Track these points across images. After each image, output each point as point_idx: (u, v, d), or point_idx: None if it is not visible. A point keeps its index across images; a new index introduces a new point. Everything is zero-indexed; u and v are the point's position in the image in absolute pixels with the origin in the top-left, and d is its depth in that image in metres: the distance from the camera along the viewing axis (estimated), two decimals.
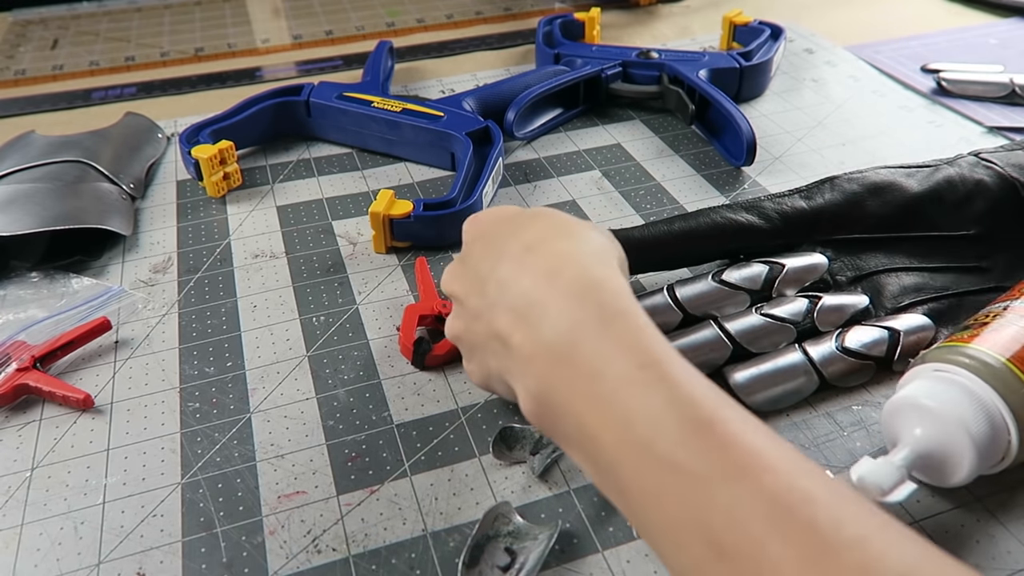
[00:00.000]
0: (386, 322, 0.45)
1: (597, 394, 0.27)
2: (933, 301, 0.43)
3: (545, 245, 0.32)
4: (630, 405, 0.26)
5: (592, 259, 0.31)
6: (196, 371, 0.42)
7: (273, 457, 0.37)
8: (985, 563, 0.32)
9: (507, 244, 0.33)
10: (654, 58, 0.66)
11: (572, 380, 0.28)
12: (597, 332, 0.28)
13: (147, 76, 0.77)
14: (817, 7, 0.88)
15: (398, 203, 0.49)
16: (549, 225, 0.33)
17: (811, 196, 0.46)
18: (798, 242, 0.45)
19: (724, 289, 0.42)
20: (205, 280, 0.48)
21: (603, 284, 0.30)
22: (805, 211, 0.45)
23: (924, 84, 0.69)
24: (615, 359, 0.27)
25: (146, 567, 0.33)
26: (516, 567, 0.32)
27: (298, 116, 0.62)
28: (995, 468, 0.33)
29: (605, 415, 0.26)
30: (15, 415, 0.40)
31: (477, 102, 0.61)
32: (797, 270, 0.43)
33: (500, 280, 0.32)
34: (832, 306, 0.42)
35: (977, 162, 0.48)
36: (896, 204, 0.46)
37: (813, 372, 0.39)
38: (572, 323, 0.28)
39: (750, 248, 0.45)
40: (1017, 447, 0.32)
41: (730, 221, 0.44)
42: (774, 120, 0.65)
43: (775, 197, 0.46)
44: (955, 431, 0.32)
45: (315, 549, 0.33)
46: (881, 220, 0.46)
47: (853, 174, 0.48)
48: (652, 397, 0.26)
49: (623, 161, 0.60)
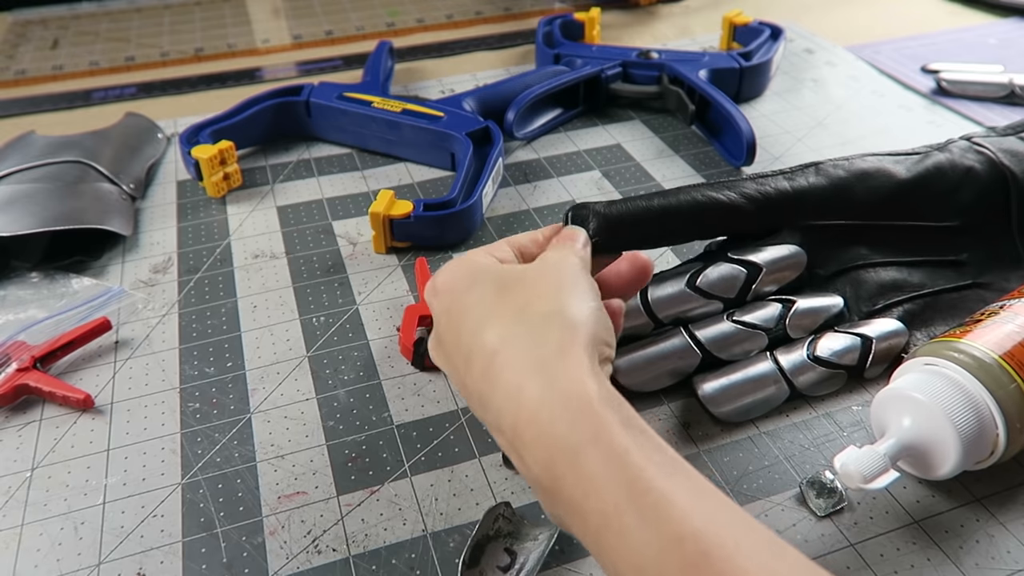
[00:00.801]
0: (386, 322, 0.45)
1: (588, 529, 0.25)
2: (908, 302, 0.42)
3: (505, 358, 0.29)
4: (620, 550, 0.24)
5: (558, 368, 0.28)
6: (196, 371, 0.42)
7: (273, 457, 0.37)
8: (985, 563, 0.32)
9: (473, 341, 0.30)
10: (654, 58, 0.66)
11: (566, 512, 0.26)
12: (573, 468, 0.26)
13: (147, 76, 0.77)
14: (817, 7, 0.88)
15: (398, 203, 0.49)
16: (510, 319, 0.30)
17: (794, 178, 0.44)
18: (779, 226, 0.43)
19: (696, 296, 0.41)
20: (205, 280, 0.48)
21: (573, 404, 0.27)
22: (788, 193, 0.43)
23: (924, 84, 0.69)
24: (597, 495, 0.25)
25: (146, 567, 0.33)
26: (516, 567, 0.32)
27: (298, 116, 0.62)
28: (982, 464, 0.34)
29: (600, 545, 0.25)
30: (15, 415, 0.40)
31: (477, 102, 0.61)
32: (775, 265, 0.42)
33: (474, 390, 0.30)
34: (805, 310, 0.41)
35: (969, 147, 0.47)
36: (883, 192, 0.44)
37: (783, 382, 0.39)
38: (547, 462, 0.26)
39: (730, 230, 0.44)
40: (1005, 443, 0.32)
41: (711, 200, 0.42)
42: (774, 120, 0.65)
43: (758, 177, 0.44)
44: (942, 424, 0.32)
45: (315, 549, 0.33)
46: (866, 209, 0.44)
47: (839, 160, 0.46)
48: (641, 535, 0.24)
49: (623, 161, 0.60)
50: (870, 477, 0.31)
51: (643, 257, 0.37)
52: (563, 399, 0.27)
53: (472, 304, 0.31)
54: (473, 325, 0.30)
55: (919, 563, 0.32)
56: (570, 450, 0.26)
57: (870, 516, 0.34)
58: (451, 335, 0.32)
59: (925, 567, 0.32)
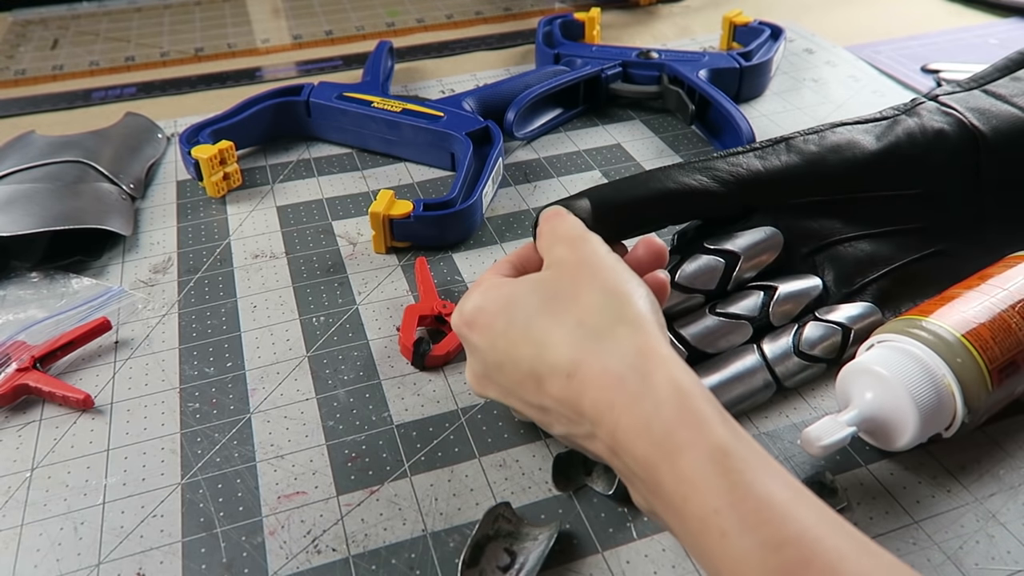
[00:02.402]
0: (386, 322, 0.45)
1: (687, 530, 0.26)
2: (881, 279, 0.43)
3: (587, 371, 0.28)
4: (720, 554, 0.24)
5: (645, 370, 0.28)
6: (196, 371, 0.42)
7: (273, 457, 0.37)
8: (985, 563, 0.32)
9: (540, 363, 0.30)
10: (654, 58, 0.66)
11: (664, 510, 0.27)
12: (672, 470, 0.26)
13: (147, 76, 0.77)
14: (817, 7, 0.88)
15: (398, 203, 0.49)
16: (573, 332, 0.29)
17: (765, 156, 0.44)
18: (754, 205, 0.43)
19: (676, 292, 0.40)
20: (205, 280, 0.48)
21: (669, 404, 0.26)
22: (760, 172, 0.43)
23: (924, 84, 0.69)
24: (698, 498, 0.25)
25: (146, 567, 0.33)
26: (516, 567, 0.32)
27: (298, 116, 0.62)
28: (945, 435, 0.35)
29: (699, 547, 0.25)
30: (15, 415, 0.40)
31: (477, 102, 0.61)
32: (752, 251, 0.42)
33: (556, 408, 0.30)
34: (787, 296, 0.41)
35: (936, 108, 0.48)
36: (856, 164, 0.44)
37: (770, 377, 0.39)
38: (647, 464, 0.26)
39: (704, 215, 0.43)
40: (963, 417, 0.34)
41: (683, 186, 0.41)
42: (774, 120, 0.65)
43: (728, 156, 0.43)
44: (902, 397, 0.33)
45: (315, 549, 0.33)
46: (840, 182, 0.44)
47: (809, 134, 0.45)
48: (742, 541, 0.24)
49: (623, 161, 0.60)
50: (828, 443, 0.32)
51: (658, 241, 0.36)
52: (656, 400, 0.27)
53: (523, 328, 0.31)
54: (533, 349, 0.30)
55: (919, 563, 0.32)
56: (670, 452, 0.26)
57: (870, 516, 0.34)
58: (509, 364, 0.31)
59: (925, 567, 0.32)
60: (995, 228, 0.46)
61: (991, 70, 0.52)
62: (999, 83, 0.51)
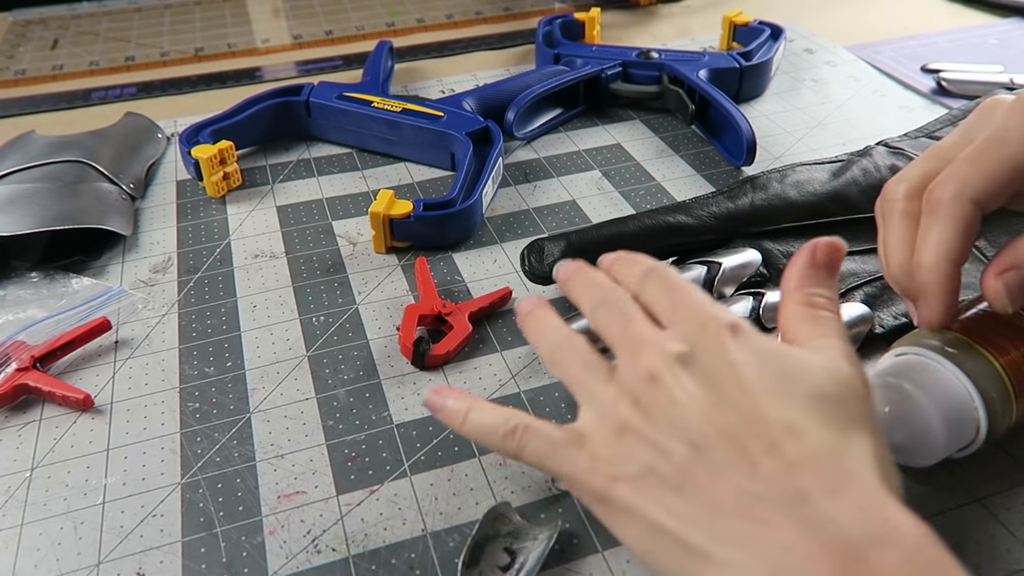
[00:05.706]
0: (386, 322, 0.45)
1: None
2: (867, 284, 0.43)
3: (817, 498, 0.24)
4: None
5: None
6: (196, 371, 0.42)
7: (273, 457, 0.37)
8: (985, 563, 0.32)
9: None
10: (654, 58, 0.66)
11: None
12: None
13: (147, 76, 0.77)
14: (817, 7, 0.88)
15: (398, 203, 0.49)
16: None
17: (735, 197, 0.47)
18: (731, 236, 0.46)
19: None
20: (205, 280, 0.48)
21: None
22: (732, 209, 0.46)
23: (924, 84, 0.69)
24: None
25: (146, 567, 0.33)
26: (516, 567, 0.32)
27: (298, 116, 0.62)
28: (964, 452, 0.34)
29: None
30: (15, 415, 0.40)
31: (477, 102, 0.61)
32: (734, 267, 0.43)
33: None
34: (776, 302, 0.41)
35: (887, 150, 0.52)
36: (816, 194, 0.48)
37: None
38: None
39: (686, 246, 0.46)
40: (986, 432, 0.32)
41: (659, 222, 0.45)
42: (774, 120, 0.65)
43: (700, 200, 0.47)
44: (923, 412, 0.32)
45: (315, 549, 0.33)
46: (805, 208, 0.47)
47: (772, 173, 0.49)
48: None
49: (623, 161, 0.60)
50: None
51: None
52: None
53: None
54: None
55: None
56: None
57: None
58: None
59: None
60: None
61: (935, 123, 0.58)
62: (943, 131, 0.55)
